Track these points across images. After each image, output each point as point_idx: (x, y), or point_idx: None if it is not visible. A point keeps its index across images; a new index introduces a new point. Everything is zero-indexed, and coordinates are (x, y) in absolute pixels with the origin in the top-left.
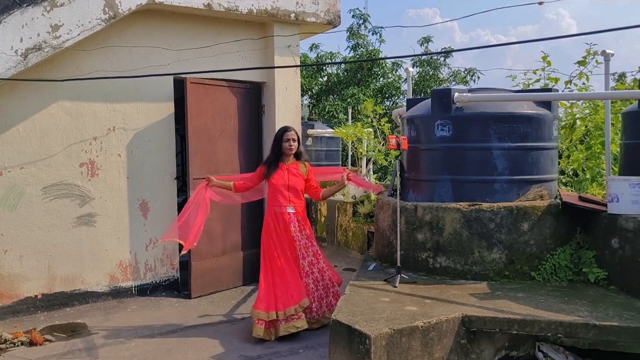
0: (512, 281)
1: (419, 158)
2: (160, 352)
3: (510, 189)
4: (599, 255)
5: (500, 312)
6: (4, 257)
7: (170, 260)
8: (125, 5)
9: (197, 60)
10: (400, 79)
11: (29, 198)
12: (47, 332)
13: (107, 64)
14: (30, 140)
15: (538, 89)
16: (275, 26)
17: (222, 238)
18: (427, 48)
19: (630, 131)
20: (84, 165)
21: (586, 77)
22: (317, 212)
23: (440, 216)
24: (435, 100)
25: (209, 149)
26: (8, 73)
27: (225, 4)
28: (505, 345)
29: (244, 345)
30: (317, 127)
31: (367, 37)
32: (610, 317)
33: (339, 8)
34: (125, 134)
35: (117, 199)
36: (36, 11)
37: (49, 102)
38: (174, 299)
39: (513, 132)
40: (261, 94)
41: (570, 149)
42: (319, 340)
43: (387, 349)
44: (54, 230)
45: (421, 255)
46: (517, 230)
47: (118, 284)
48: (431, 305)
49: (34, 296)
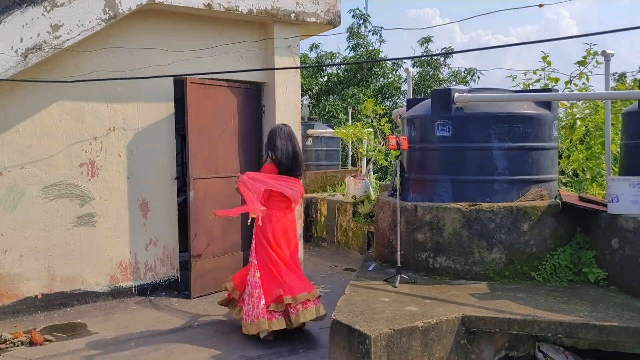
0: (512, 281)
1: (419, 158)
2: (160, 352)
3: (510, 189)
4: (599, 256)
5: (500, 312)
6: (4, 257)
7: (170, 260)
8: (125, 5)
9: (197, 60)
10: (401, 79)
11: (29, 198)
12: (47, 332)
13: (108, 64)
14: (31, 140)
15: (538, 89)
16: (276, 26)
17: (222, 238)
18: (427, 48)
19: (630, 131)
20: (84, 165)
21: (586, 77)
22: (317, 212)
23: (440, 216)
24: (435, 101)
25: (209, 149)
26: (8, 73)
27: (225, 4)
28: (505, 345)
29: (244, 345)
30: (317, 127)
31: (367, 37)
32: (610, 317)
33: (339, 8)
34: (125, 134)
35: (117, 199)
36: (36, 11)
37: (49, 102)
38: (174, 299)
39: (513, 132)
40: (261, 94)
41: (570, 149)
42: (319, 341)
43: (387, 349)
44: (54, 230)
45: (421, 256)
46: (517, 230)
47: (118, 284)
48: (431, 305)
49: (34, 296)
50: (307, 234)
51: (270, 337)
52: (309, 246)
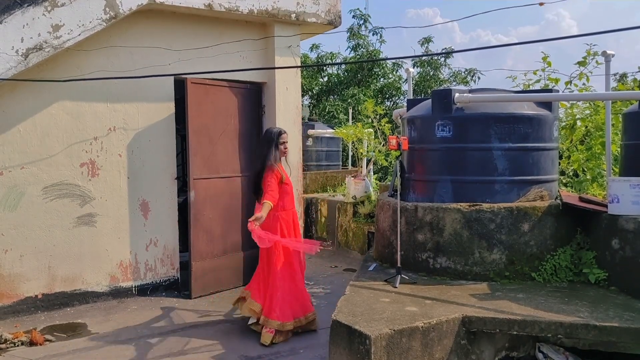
0: (513, 282)
1: (419, 158)
2: (161, 352)
3: (510, 190)
4: (599, 256)
5: (501, 313)
6: (4, 257)
7: (170, 260)
8: (126, 6)
9: (198, 60)
10: (401, 80)
11: (30, 198)
12: (47, 332)
13: (108, 64)
14: (31, 140)
15: (538, 89)
16: (276, 26)
17: (222, 238)
18: (427, 48)
19: (631, 132)
20: (85, 165)
21: (586, 78)
22: (317, 213)
23: (440, 216)
24: (435, 101)
25: (210, 149)
26: (9, 73)
27: (225, 4)
28: (506, 345)
29: (244, 346)
30: (317, 128)
31: (367, 38)
32: (611, 317)
33: (339, 8)
34: (125, 134)
35: (117, 199)
36: (37, 11)
37: (49, 102)
38: (174, 299)
39: (513, 133)
40: (262, 94)
41: (571, 149)
42: (319, 341)
43: (387, 350)
44: (55, 230)
45: (421, 256)
46: (518, 230)
47: (118, 284)
48: (431, 305)
49: (34, 296)
50: (307, 234)
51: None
52: None
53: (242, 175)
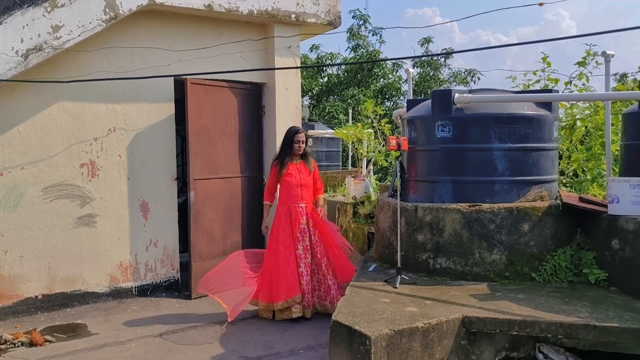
0: (513, 282)
1: (419, 159)
2: (160, 353)
3: (510, 190)
4: (599, 257)
5: (501, 313)
6: (4, 257)
7: (170, 261)
8: (125, 6)
9: (198, 61)
10: (401, 80)
11: (30, 199)
12: (47, 332)
13: (108, 65)
14: (31, 140)
15: (538, 89)
16: (276, 27)
17: (222, 238)
18: (427, 49)
19: (631, 132)
20: (85, 166)
21: (586, 78)
22: None
23: (440, 217)
24: (435, 101)
25: (210, 149)
26: (9, 74)
27: (225, 5)
28: (506, 346)
29: (244, 346)
30: (317, 128)
31: (367, 38)
32: (611, 318)
33: (339, 9)
34: (125, 135)
35: (117, 200)
36: (37, 12)
37: (49, 103)
38: (174, 300)
39: (513, 133)
40: (262, 95)
41: (571, 149)
42: (319, 341)
43: (388, 350)
44: (55, 230)
45: (421, 256)
46: (518, 231)
47: (118, 284)
48: (431, 306)
49: (34, 297)
50: None
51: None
52: None
53: (242, 176)
